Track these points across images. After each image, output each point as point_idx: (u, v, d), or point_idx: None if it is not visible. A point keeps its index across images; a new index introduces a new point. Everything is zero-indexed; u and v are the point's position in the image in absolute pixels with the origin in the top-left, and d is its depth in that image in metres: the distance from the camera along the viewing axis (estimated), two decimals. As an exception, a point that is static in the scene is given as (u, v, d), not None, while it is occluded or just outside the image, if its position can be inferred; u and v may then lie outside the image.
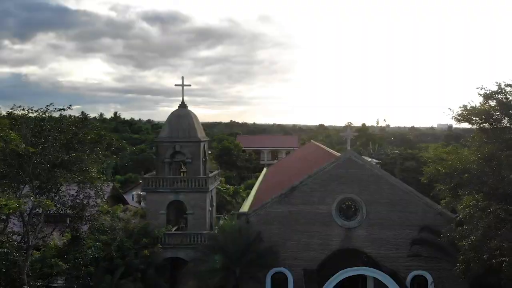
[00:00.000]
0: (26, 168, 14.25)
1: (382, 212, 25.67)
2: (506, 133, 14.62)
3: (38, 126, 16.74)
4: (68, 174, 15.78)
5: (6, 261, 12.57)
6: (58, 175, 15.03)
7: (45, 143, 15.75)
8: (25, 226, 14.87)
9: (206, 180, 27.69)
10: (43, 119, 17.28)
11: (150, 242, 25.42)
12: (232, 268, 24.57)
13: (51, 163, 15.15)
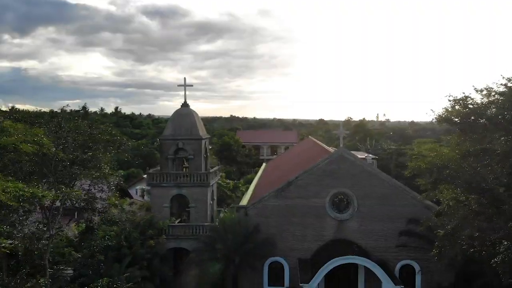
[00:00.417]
0: (49, 166, 15.84)
1: (373, 205, 27.27)
2: (480, 134, 16.14)
3: (58, 128, 18.35)
4: (86, 171, 17.44)
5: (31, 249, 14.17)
6: (77, 172, 16.63)
7: (65, 143, 17.36)
8: (46, 218, 16.50)
9: (207, 175, 29.36)
10: (59, 122, 18.85)
11: (155, 233, 27.08)
12: (231, 258, 26.25)
13: (70, 161, 16.76)
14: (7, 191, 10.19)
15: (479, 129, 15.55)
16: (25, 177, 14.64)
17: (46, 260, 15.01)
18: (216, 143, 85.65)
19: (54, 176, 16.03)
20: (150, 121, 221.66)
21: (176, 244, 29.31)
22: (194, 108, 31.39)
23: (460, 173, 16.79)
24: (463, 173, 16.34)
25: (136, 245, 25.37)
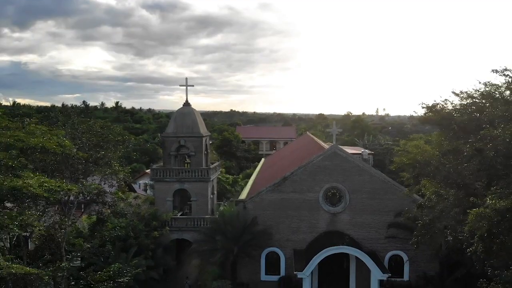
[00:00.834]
0: (67, 164, 17.43)
1: (363, 199, 28.96)
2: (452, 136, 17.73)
3: (74, 130, 19.98)
4: (100, 168, 19.08)
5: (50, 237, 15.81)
6: (92, 169, 18.26)
7: (81, 143, 19.00)
8: (63, 210, 18.15)
9: (208, 171, 31.04)
10: (74, 123, 20.50)
11: (159, 225, 28.78)
12: (230, 248, 27.93)
13: (85, 159, 18.39)
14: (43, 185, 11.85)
15: (451, 132, 17.14)
16: (49, 174, 16.27)
17: (63, 248, 16.71)
18: (217, 138, 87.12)
19: (70, 173, 17.65)
20: (150, 115, 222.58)
21: (179, 235, 31.01)
22: (195, 102, 33.18)
23: (440, 169, 18.41)
24: (442, 170, 17.96)
25: (141, 236, 27.07)
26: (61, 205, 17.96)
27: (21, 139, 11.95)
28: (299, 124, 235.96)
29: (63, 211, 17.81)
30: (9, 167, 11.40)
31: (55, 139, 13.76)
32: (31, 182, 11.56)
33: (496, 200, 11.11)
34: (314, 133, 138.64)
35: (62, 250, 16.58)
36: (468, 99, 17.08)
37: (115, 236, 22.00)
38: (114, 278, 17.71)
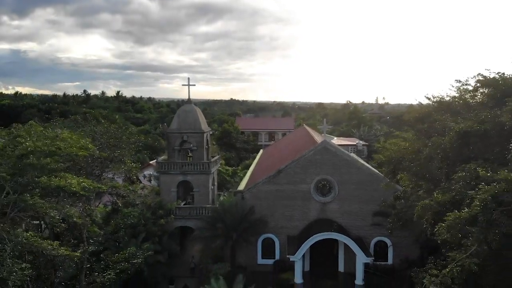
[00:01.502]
0: (89, 163, 19.95)
1: (351, 190, 31.60)
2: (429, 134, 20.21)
3: (93, 132, 22.52)
4: (116, 165, 21.66)
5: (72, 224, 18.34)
6: (110, 167, 20.87)
7: (100, 145, 21.51)
8: (86, 201, 20.74)
9: (209, 164, 33.71)
10: (94, 127, 23.06)
11: (164, 213, 31.44)
12: (230, 235, 30.69)
13: (105, 158, 20.90)
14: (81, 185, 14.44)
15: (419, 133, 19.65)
16: (76, 172, 18.80)
17: (84, 235, 19.40)
18: (217, 130, 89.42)
19: (90, 169, 20.21)
20: (151, 105, 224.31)
21: (182, 223, 33.74)
22: (194, 90, 35.53)
23: (412, 165, 21.00)
24: (414, 165, 20.53)
25: (149, 223, 29.76)
26: (85, 197, 20.56)
27: (60, 148, 14.43)
28: (299, 113, 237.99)
29: (86, 202, 20.40)
30: (52, 169, 13.91)
31: (82, 143, 16.27)
32: (72, 182, 14.16)
33: (440, 195, 13.58)
34: (313, 123, 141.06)
35: (83, 236, 19.25)
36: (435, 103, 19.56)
37: (128, 223, 24.74)
38: (129, 260, 20.48)
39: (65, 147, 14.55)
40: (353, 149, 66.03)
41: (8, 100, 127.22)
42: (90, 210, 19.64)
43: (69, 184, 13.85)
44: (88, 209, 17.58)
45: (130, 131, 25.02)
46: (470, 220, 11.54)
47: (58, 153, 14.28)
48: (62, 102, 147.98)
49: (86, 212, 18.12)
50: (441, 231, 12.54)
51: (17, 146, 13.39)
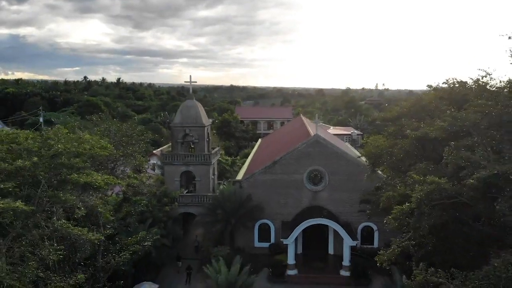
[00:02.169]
0: (105, 159, 22.56)
1: (340, 179, 34.33)
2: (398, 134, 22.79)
3: (107, 131, 25.10)
4: (128, 160, 24.32)
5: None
6: (122, 160, 23.50)
7: (114, 142, 24.08)
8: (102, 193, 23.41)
9: (210, 156, 36.42)
10: (108, 126, 25.62)
11: (169, 201, 34.21)
12: (229, 220, 33.58)
13: (117, 155, 23.51)
14: (104, 180, 17.12)
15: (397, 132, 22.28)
16: (95, 167, 21.38)
17: (101, 221, 22.14)
18: (217, 118, 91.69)
19: (106, 163, 22.88)
20: (151, 91, 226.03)
21: (185, 209, 36.58)
22: (194, 76, 37.86)
23: (388, 159, 23.65)
24: (389, 160, 23.18)
25: (155, 210, 32.55)
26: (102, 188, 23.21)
27: (85, 149, 16.98)
28: (298, 100, 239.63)
29: (103, 193, 23.04)
30: (79, 167, 16.50)
31: (102, 143, 18.85)
32: (98, 178, 16.81)
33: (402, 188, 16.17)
34: (312, 111, 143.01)
35: (100, 222, 22.01)
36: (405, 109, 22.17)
37: (138, 211, 27.58)
38: (140, 243, 23.32)
39: (90, 148, 17.12)
40: (348, 139, 68.57)
41: (12, 88, 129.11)
42: (106, 199, 22.29)
43: (95, 180, 16.53)
44: (105, 199, 20.18)
45: (140, 129, 27.54)
46: (409, 212, 14.27)
47: (84, 153, 16.87)
48: (64, 90, 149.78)
49: (103, 201, 20.73)
50: (390, 221, 15.29)
51: (49, 148, 15.96)
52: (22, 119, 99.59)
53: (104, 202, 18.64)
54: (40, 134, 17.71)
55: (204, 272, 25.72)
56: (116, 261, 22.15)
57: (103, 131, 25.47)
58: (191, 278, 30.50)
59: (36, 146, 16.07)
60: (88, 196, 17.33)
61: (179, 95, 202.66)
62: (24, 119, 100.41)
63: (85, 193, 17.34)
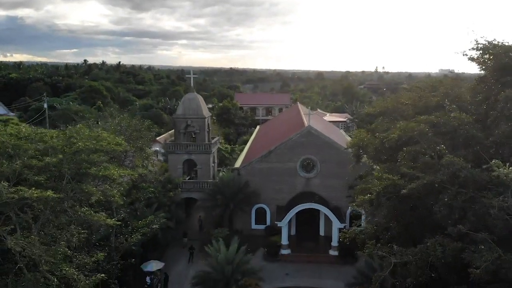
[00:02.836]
0: (118, 153, 25.17)
1: (331, 167, 37.06)
2: None
3: (119, 126, 27.72)
4: (137, 153, 26.98)
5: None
6: (135, 155, 26.19)
7: (125, 137, 26.68)
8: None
9: (210, 145, 39.15)
10: (120, 121, 28.23)
11: (172, 187, 37.01)
12: (228, 204, 36.51)
13: (130, 150, 26.14)
14: (120, 173, 19.84)
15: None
16: (109, 161, 23.95)
17: (114, 206, 24.91)
18: (217, 104, 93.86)
19: (118, 157, 25.58)
20: (151, 75, 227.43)
21: (188, 195, 39.48)
22: (194, 58, 40.61)
23: (371, 149, 26.22)
24: (371, 150, 25.72)
25: (160, 196, 35.44)
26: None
27: (103, 145, 19.57)
28: (298, 84, 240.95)
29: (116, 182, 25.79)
30: (97, 162, 19.12)
31: (118, 140, 21.41)
32: (114, 172, 19.48)
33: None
34: (310, 95, 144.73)
35: (113, 207, 24.83)
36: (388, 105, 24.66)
37: (146, 197, 30.48)
38: (149, 225, 26.23)
39: (106, 145, 19.70)
40: (343, 125, 71.12)
41: (15, 74, 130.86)
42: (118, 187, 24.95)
43: (112, 174, 19.19)
44: (119, 189, 22.79)
45: (148, 124, 30.16)
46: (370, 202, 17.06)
47: (101, 150, 19.44)
48: (66, 75, 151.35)
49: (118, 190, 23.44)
50: (354, 207, 18.17)
51: (72, 146, 18.56)
52: (26, 105, 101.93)
53: (118, 190, 21.20)
54: (64, 133, 20.29)
55: (205, 252, 28.65)
56: (128, 242, 25.08)
57: (115, 125, 28.09)
58: (193, 257, 33.63)
59: (60, 144, 18.68)
60: (106, 187, 20.00)
61: (179, 79, 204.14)
62: (28, 105, 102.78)
63: (103, 184, 20.02)
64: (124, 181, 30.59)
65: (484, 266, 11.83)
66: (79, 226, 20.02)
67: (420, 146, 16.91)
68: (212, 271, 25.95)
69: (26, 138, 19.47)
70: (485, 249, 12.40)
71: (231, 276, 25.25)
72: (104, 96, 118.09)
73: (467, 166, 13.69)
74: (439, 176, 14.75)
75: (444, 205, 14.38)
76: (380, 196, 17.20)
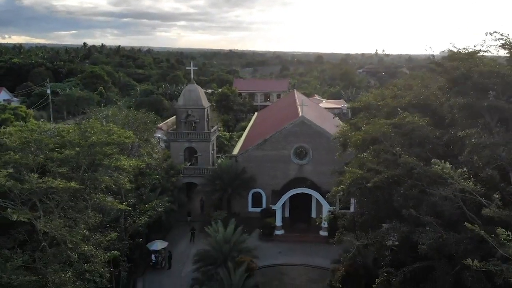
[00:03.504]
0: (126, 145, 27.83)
1: (322, 154, 39.66)
2: None
3: (127, 119, 30.26)
4: (144, 144, 29.64)
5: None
6: (141, 146, 28.84)
7: (133, 130, 29.23)
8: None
9: (209, 134, 41.76)
10: (127, 115, 30.87)
11: (175, 173, 39.76)
12: (226, 189, 39.35)
13: (138, 141, 28.78)
14: (129, 164, 22.45)
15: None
16: (118, 152, 26.55)
17: (123, 191, 27.66)
18: (216, 89, 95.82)
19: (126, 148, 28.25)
20: (151, 59, 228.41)
21: (189, 180, 42.32)
22: (193, 40, 42.92)
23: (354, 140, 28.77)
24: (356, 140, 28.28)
25: (163, 181, 38.21)
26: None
27: (114, 139, 22.12)
28: (297, 68, 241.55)
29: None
30: (110, 154, 21.69)
31: (127, 133, 23.95)
32: (125, 163, 22.11)
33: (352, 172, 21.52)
34: (309, 80, 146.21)
35: (122, 192, 27.59)
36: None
37: (151, 183, 33.35)
38: (155, 208, 29.08)
39: (117, 138, 22.26)
40: (338, 112, 73.45)
41: (17, 59, 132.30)
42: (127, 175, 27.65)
43: (122, 164, 21.82)
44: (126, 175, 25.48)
45: (153, 118, 32.89)
46: (341, 192, 19.90)
47: (113, 142, 22.00)
48: (68, 60, 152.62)
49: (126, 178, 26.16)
50: (329, 196, 20.97)
51: (87, 139, 21.12)
52: (29, 91, 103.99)
53: (127, 177, 23.83)
54: (78, 127, 22.85)
55: (205, 232, 31.60)
56: (136, 224, 27.96)
57: (123, 118, 30.68)
58: (194, 237, 36.68)
59: (76, 138, 21.26)
60: (118, 176, 22.68)
61: (178, 63, 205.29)
62: (31, 90, 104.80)
63: (114, 173, 22.67)
64: (132, 169, 33.43)
65: (428, 243, 14.52)
66: (94, 210, 22.81)
67: (383, 145, 19.54)
68: (211, 249, 28.90)
69: (45, 133, 22.08)
70: (430, 230, 15.10)
71: (228, 254, 28.21)
72: (105, 81, 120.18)
73: (419, 164, 16.29)
74: (398, 171, 17.42)
75: (401, 195, 17.11)
76: (351, 187, 19.94)
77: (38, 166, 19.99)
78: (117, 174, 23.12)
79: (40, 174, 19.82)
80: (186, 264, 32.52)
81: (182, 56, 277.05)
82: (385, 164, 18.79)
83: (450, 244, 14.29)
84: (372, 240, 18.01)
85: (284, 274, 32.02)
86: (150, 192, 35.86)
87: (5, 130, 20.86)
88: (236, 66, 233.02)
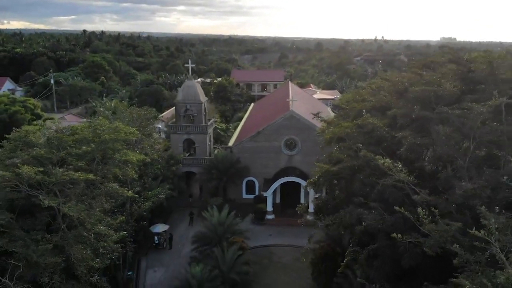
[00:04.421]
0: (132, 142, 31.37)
1: (310, 146, 42.90)
2: None
3: (132, 115, 33.68)
4: (147, 138, 33.20)
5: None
6: (146, 141, 32.42)
7: (136, 126, 32.61)
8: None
9: (206, 127, 45.23)
10: (132, 113, 34.24)
11: (175, 162, 43.31)
12: (222, 177, 42.93)
13: (141, 137, 32.30)
14: (137, 158, 25.94)
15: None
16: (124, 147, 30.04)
17: (129, 180, 31.18)
18: (214, 79, 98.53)
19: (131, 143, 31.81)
20: (151, 46, 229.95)
21: (187, 169, 45.90)
22: (193, 25, 45.95)
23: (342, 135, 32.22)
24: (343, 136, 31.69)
25: (164, 170, 41.78)
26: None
27: (121, 136, 25.53)
28: (296, 56, 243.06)
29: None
30: (117, 149, 25.16)
31: (132, 130, 27.36)
32: (132, 157, 25.60)
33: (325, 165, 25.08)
34: (307, 69, 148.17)
35: (128, 181, 31.16)
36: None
37: (154, 172, 37.02)
38: (157, 195, 32.75)
39: (123, 134, 25.69)
40: (331, 103, 76.63)
41: (20, 49, 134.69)
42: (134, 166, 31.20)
43: (131, 158, 25.34)
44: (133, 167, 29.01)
45: (155, 114, 36.31)
46: (314, 183, 23.73)
47: (121, 139, 25.43)
48: (69, 50, 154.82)
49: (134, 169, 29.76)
50: (305, 187, 24.75)
51: (99, 137, 24.55)
52: (32, 81, 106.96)
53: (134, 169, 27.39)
54: (90, 125, 26.34)
55: (203, 216, 35.36)
56: (140, 209, 31.63)
57: (128, 115, 34.16)
58: (193, 221, 40.48)
59: (90, 136, 24.74)
60: (126, 168, 26.28)
61: (177, 51, 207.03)
62: (34, 80, 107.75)
63: (123, 165, 26.25)
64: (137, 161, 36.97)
65: (371, 222, 18.14)
66: (106, 197, 26.41)
67: (347, 143, 23.10)
68: (207, 231, 32.68)
69: (62, 132, 25.58)
70: (375, 213, 18.66)
71: (222, 235, 31.99)
72: (106, 71, 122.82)
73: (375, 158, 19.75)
74: (359, 162, 20.99)
75: (360, 181, 20.70)
76: (320, 179, 23.63)
77: (59, 160, 23.51)
78: (125, 167, 26.68)
79: (59, 167, 23.37)
80: (185, 245, 36.36)
81: (182, 43, 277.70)
82: (348, 158, 22.41)
83: (390, 225, 17.89)
84: (332, 221, 21.69)
85: (273, 253, 35.91)
86: (153, 180, 39.42)
87: (29, 129, 24.31)
88: (235, 53, 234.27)
